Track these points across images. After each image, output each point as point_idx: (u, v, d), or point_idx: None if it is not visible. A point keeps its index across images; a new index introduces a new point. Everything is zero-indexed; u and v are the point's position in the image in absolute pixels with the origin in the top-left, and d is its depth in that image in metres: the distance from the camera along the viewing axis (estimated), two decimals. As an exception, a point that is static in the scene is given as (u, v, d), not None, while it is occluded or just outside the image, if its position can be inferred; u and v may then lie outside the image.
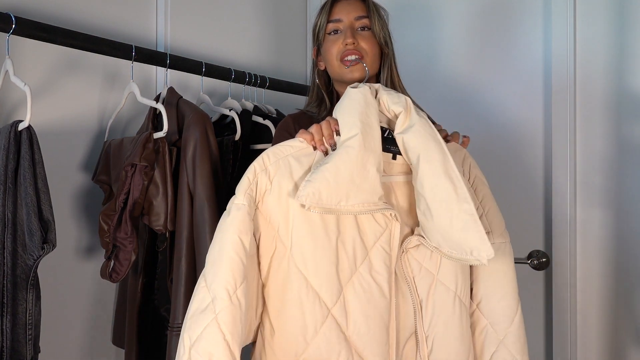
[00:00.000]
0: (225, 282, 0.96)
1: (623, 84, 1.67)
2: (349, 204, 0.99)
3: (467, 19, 1.96)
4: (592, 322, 1.73)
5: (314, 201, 0.97)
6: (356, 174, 0.98)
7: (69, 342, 1.43)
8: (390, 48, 1.34)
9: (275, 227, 1.03)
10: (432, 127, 1.03)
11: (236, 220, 0.99)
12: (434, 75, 2.01)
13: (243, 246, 0.98)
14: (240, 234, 0.98)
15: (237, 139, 1.54)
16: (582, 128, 1.74)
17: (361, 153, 0.99)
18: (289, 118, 1.38)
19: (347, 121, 1.03)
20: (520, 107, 1.86)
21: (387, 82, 1.33)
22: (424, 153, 1.01)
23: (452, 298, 1.08)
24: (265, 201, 1.03)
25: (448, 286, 1.08)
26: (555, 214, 1.75)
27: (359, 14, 1.31)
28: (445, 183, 0.99)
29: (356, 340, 1.01)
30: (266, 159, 1.04)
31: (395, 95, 1.06)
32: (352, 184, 0.98)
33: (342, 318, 1.01)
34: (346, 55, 1.28)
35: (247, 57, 1.93)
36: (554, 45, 1.76)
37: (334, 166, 0.98)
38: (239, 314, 0.96)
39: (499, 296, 1.15)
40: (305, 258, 1.02)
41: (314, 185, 0.97)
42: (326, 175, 0.97)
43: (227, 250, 0.97)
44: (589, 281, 1.73)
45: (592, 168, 1.72)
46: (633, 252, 1.66)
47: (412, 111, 1.05)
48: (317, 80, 1.40)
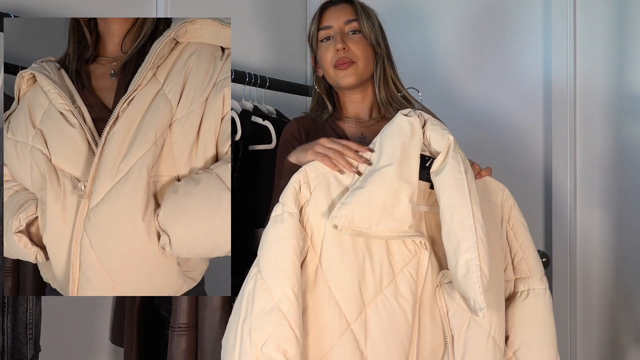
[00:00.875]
0: (292, 284, 1.01)
1: (623, 84, 1.67)
2: (379, 229, 1.03)
3: (467, 19, 1.96)
4: (592, 322, 1.73)
5: (346, 223, 1.02)
6: (389, 202, 1.03)
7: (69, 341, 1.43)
8: (382, 47, 1.34)
9: (309, 234, 1.08)
10: (460, 174, 1.04)
11: (292, 227, 1.04)
12: (433, 75, 2.01)
13: (299, 250, 1.05)
14: (297, 240, 1.04)
15: (237, 139, 1.54)
16: (582, 128, 1.73)
17: (395, 182, 1.03)
18: (294, 122, 1.40)
19: (388, 148, 1.07)
20: (520, 107, 1.85)
21: (381, 81, 1.34)
22: (446, 197, 1.04)
23: (486, 338, 1.09)
24: (304, 211, 1.08)
25: (482, 325, 1.09)
26: (555, 214, 1.75)
27: (347, 18, 1.32)
28: (457, 229, 1.02)
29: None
30: (309, 172, 1.09)
31: (439, 133, 1.08)
32: (384, 211, 1.03)
33: (361, 335, 1.03)
34: (339, 62, 1.30)
35: (247, 57, 1.93)
36: (553, 46, 1.76)
37: (368, 192, 1.03)
38: (301, 313, 1.02)
39: (539, 345, 1.15)
40: (331, 269, 1.05)
41: (347, 207, 1.02)
42: (360, 200, 1.02)
43: (289, 254, 1.03)
44: (589, 281, 1.72)
45: (592, 168, 1.72)
46: (633, 252, 1.66)
47: (450, 153, 1.06)
48: (317, 87, 1.42)
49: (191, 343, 1.33)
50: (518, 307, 1.16)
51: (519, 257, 1.17)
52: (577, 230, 1.74)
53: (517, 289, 1.18)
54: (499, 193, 1.20)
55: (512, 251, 1.18)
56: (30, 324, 1.13)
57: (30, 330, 1.13)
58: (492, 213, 1.18)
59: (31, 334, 1.13)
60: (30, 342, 1.12)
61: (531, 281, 1.17)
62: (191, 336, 1.33)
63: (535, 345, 1.15)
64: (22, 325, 1.12)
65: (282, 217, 1.05)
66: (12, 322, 1.11)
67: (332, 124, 1.38)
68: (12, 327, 1.11)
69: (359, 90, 1.36)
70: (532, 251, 1.19)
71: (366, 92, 1.37)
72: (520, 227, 1.20)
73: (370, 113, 1.38)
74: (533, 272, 1.17)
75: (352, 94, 1.37)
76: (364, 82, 1.35)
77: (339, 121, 1.39)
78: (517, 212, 1.20)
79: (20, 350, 1.11)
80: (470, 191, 1.03)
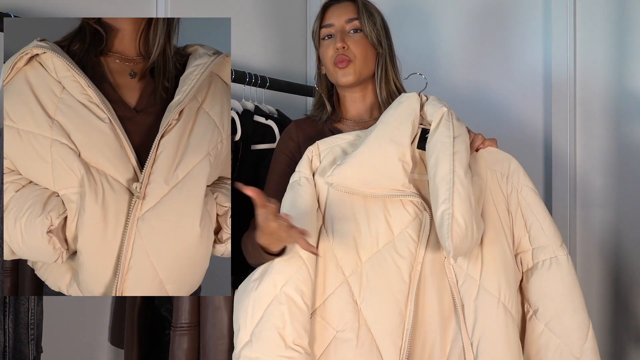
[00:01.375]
0: (312, 235, 1.11)
1: (623, 84, 1.68)
2: (372, 188, 1.13)
3: (467, 19, 1.96)
4: (592, 322, 1.72)
5: (339, 181, 1.13)
6: (379, 162, 1.12)
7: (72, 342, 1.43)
8: (384, 47, 1.35)
9: (316, 195, 1.19)
10: (448, 138, 1.10)
11: (310, 188, 1.17)
12: (434, 72, 2.01)
13: (316, 208, 1.17)
14: (314, 199, 1.17)
15: (237, 139, 1.53)
16: (582, 128, 1.74)
17: (384, 143, 1.13)
18: (292, 123, 1.41)
19: (385, 116, 1.18)
20: (520, 107, 1.85)
21: (381, 81, 1.35)
22: (433, 158, 1.11)
23: (496, 304, 1.10)
24: (315, 177, 1.20)
25: (491, 292, 1.11)
26: (555, 214, 1.75)
27: (349, 17, 1.33)
28: (438, 184, 1.08)
29: (367, 314, 1.09)
30: (321, 145, 1.22)
31: (435, 106, 1.16)
32: (376, 170, 1.13)
33: (355, 288, 1.11)
34: (337, 61, 1.31)
35: (247, 57, 1.92)
36: (554, 45, 1.76)
37: (359, 153, 1.13)
38: (316, 261, 1.13)
39: (571, 312, 1.14)
40: (331, 226, 1.15)
41: (341, 167, 1.13)
42: (352, 161, 1.13)
43: (310, 210, 1.15)
44: (589, 281, 1.73)
45: (592, 168, 1.72)
46: (633, 252, 1.66)
47: (441, 122, 1.13)
48: (319, 85, 1.43)
49: (193, 342, 1.33)
50: (543, 278, 1.15)
51: (536, 226, 1.17)
52: (577, 230, 1.74)
53: (538, 259, 1.17)
54: (506, 163, 1.22)
55: (527, 221, 1.18)
56: (31, 324, 1.12)
57: (32, 331, 1.12)
58: (497, 182, 1.20)
59: (33, 334, 1.13)
60: (32, 342, 1.12)
61: (551, 249, 1.16)
62: (193, 336, 1.33)
63: (567, 313, 1.14)
64: (24, 325, 1.11)
65: (299, 181, 1.18)
66: (14, 323, 1.11)
67: (330, 126, 1.39)
68: (14, 327, 1.11)
69: (359, 89, 1.37)
70: (548, 218, 1.19)
71: (367, 91, 1.38)
72: (533, 195, 1.19)
73: (370, 112, 1.39)
74: (552, 239, 1.16)
75: (353, 93, 1.38)
76: (364, 81, 1.35)
77: (337, 123, 1.40)
78: (528, 181, 1.21)
79: (21, 351, 1.11)
80: (455, 152, 1.08)
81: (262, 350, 1.06)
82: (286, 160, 1.33)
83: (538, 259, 1.17)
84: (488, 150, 1.23)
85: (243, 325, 1.09)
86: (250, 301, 1.09)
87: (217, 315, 1.32)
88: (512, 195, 1.19)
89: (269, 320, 1.07)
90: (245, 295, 1.11)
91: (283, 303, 1.07)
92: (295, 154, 1.32)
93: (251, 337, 1.07)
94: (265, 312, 1.07)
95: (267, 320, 1.07)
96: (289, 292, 1.08)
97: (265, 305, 1.08)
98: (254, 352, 1.06)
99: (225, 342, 1.31)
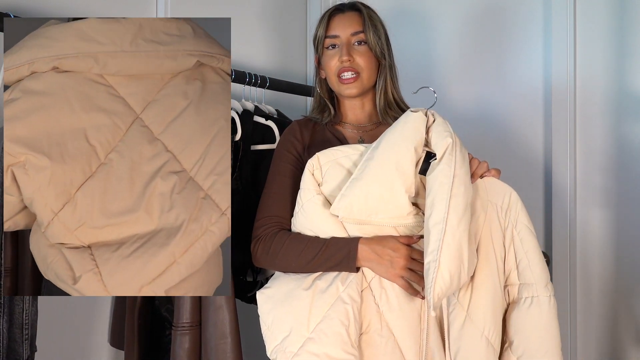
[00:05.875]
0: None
1: (623, 84, 1.68)
2: (379, 218, 1.15)
3: (467, 20, 1.97)
4: (592, 322, 1.73)
5: (346, 214, 1.15)
6: (385, 192, 1.12)
7: (66, 342, 1.43)
8: (387, 59, 1.36)
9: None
10: (447, 178, 1.09)
11: (323, 204, 1.19)
12: (433, 75, 2.01)
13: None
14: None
15: (237, 139, 1.53)
16: (582, 128, 1.74)
17: (390, 173, 1.12)
18: (295, 124, 1.41)
19: (387, 138, 1.16)
20: (520, 108, 1.86)
21: (382, 92, 1.37)
22: (430, 198, 1.10)
23: (479, 337, 1.12)
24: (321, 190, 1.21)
25: (477, 325, 1.12)
26: (555, 214, 1.75)
27: (355, 30, 1.34)
28: (430, 229, 1.08)
29: (387, 315, 1.12)
30: (321, 157, 1.21)
31: (440, 135, 1.14)
32: (382, 200, 1.13)
33: (377, 292, 1.14)
34: (342, 72, 1.33)
35: (247, 57, 1.92)
36: (553, 46, 1.76)
37: (365, 184, 1.13)
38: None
39: (542, 353, 1.14)
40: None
41: (346, 200, 1.13)
42: (357, 192, 1.13)
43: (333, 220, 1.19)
44: (589, 281, 1.73)
45: (592, 168, 1.72)
46: (633, 252, 1.66)
47: (444, 158, 1.11)
48: (319, 88, 1.43)
49: (195, 342, 1.33)
50: (522, 314, 1.16)
51: (524, 264, 1.17)
52: (577, 230, 1.74)
53: (522, 295, 1.17)
54: (506, 196, 1.20)
55: (517, 256, 1.18)
56: (26, 324, 1.13)
57: (26, 331, 1.13)
58: (496, 215, 1.19)
59: (27, 334, 1.13)
60: (26, 342, 1.13)
61: (535, 288, 1.16)
62: (195, 335, 1.33)
63: (539, 353, 1.14)
64: (18, 325, 1.12)
65: (313, 199, 1.19)
66: (8, 323, 1.11)
67: (331, 127, 1.39)
68: (8, 327, 1.12)
69: (359, 99, 1.39)
70: (538, 258, 1.18)
71: (366, 99, 1.40)
72: (527, 233, 1.19)
73: (369, 118, 1.40)
74: (537, 279, 1.16)
75: (353, 101, 1.40)
76: (366, 92, 1.38)
77: (337, 125, 1.41)
78: (525, 218, 1.20)
79: (15, 351, 1.11)
80: (452, 197, 1.07)
81: (330, 345, 1.08)
82: (293, 160, 1.33)
83: (522, 295, 1.17)
84: (489, 181, 1.21)
85: (298, 324, 1.11)
86: (308, 301, 1.12)
87: (218, 315, 1.32)
88: (508, 230, 1.19)
89: (336, 318, 1.09)
90: (294, 298, 1.14)
91: (347, 302, 1.10)
92: (302, 154, 1.33)
93: (313, 334, 1.09)
94: (329, 310, 1.10)
95: (333, 317, 1.09)
96: (352, 293, 1.11)
97: (329, 304, 1.11)
98: (321, 348, 1.08)
99: (226, 341, 1.31)
